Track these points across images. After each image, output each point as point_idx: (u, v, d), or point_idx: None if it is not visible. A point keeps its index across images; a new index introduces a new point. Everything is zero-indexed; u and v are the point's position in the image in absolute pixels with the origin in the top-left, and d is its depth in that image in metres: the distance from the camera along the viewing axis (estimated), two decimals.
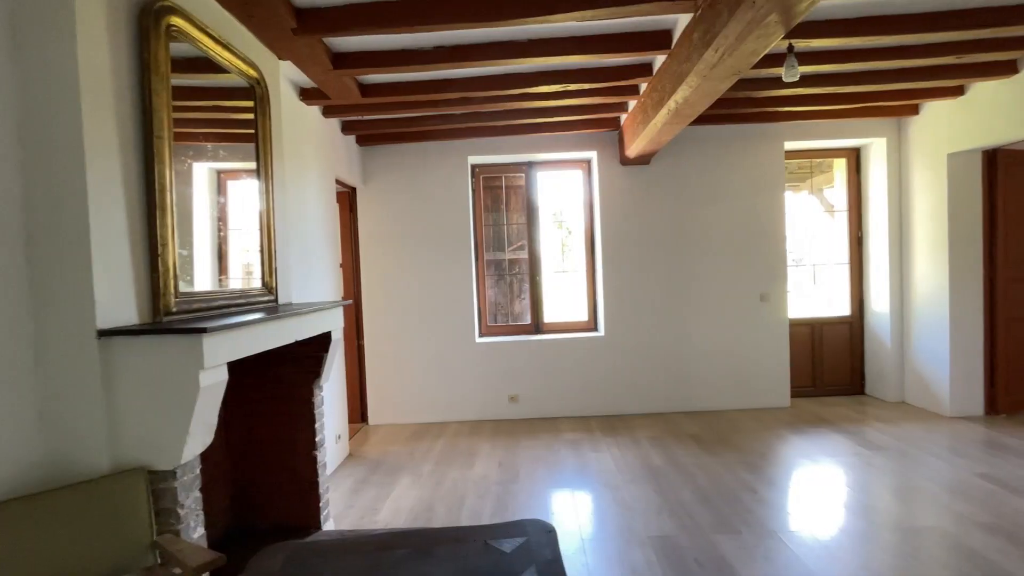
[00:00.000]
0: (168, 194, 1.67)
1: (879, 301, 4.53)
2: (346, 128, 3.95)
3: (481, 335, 4.66)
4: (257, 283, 2.28)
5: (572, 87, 3.17)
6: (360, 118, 3.83)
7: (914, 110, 4.13)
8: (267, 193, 2.31)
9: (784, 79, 2.38)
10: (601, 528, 2.59)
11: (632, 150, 3.92)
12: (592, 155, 4.49)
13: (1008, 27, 2.61)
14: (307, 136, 3.29)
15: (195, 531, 1.56)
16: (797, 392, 4.64)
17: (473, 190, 4.66)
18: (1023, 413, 3.98)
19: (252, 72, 2.21)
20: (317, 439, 2.47)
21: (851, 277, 4.74)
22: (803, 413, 4.28)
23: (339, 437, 3.60)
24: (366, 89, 3.19)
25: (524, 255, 4.79)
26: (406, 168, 4.43)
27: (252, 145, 2.28)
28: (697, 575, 2.16)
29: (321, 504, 2.48)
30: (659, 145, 3.75)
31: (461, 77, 3.16)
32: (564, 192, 4.94)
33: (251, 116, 2.28)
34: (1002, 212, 3.86)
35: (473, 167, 4.66)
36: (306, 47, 2.45)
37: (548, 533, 1.29)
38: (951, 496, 2.75)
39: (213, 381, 1.51)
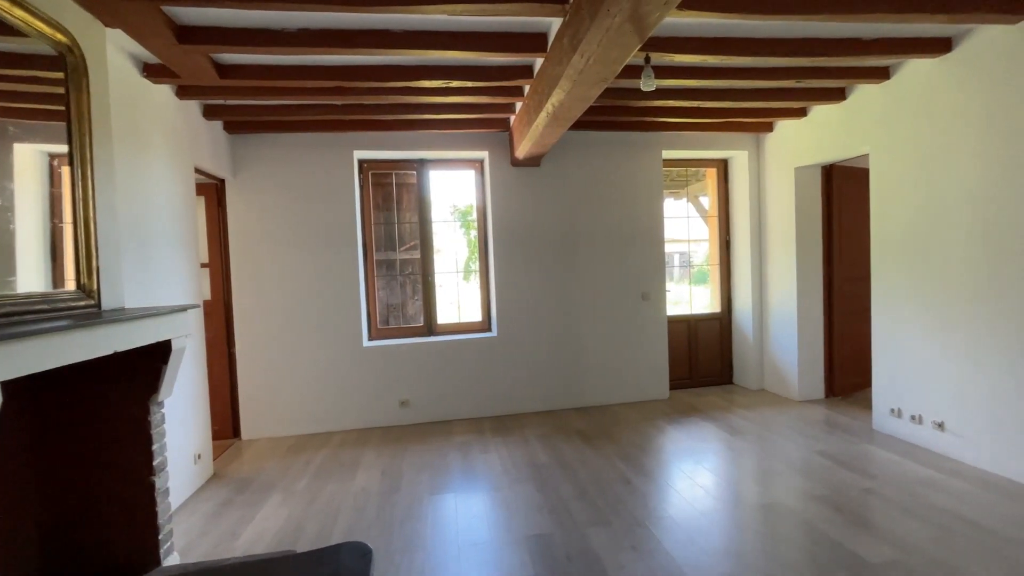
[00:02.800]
0: None
1: (743, 299, 4.99)
2: (209, 112, 3.56)
3: (371, 338, 4.45)
4: (71, 285, 1.95)
5: (455, 84, 3.11)
6: (224, 102, 3.47)
7: (769, 127, 4.61)
8: (84, 180, 1.98)
9: (642, 88, 2.51)
10: (480, 532, 2.55)
11: (520, 151, 3.96)
12: (484, 155, 4.47)
13: (835, 57, 2.98)
14: (153, 118, 2.90)
15: None
16: (675, 384, 4.98)
17: (361, 186, 4.44)
18: (855, 395, 4.59)
19: (60, 37, 1.88)
20: (155, 463, 2.16)
21: (721, 277, 5.18)
22: (679, 404, 4.59)
23: (199, 456, 3.22)
24: (225, 70, 2.89)
25: (418, 255, 4.65)
26: (284, 160, 4.11)
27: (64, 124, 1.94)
28: (567, 570, 2.19)
29: (161, 536, 2.18)
30: (545, 148, 3.82)
31: (335, 64, 2.97)
32: (466, 192, 4.86)
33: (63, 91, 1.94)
34: (837, 220, 4.43)
35: (361, 162, 4.44)
36: (138, 15, 2.14)
37: (363, 557, 1.21)
38: (794, 473, 3.07)
39: None
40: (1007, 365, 2.86)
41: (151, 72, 2.81)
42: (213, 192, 4.01)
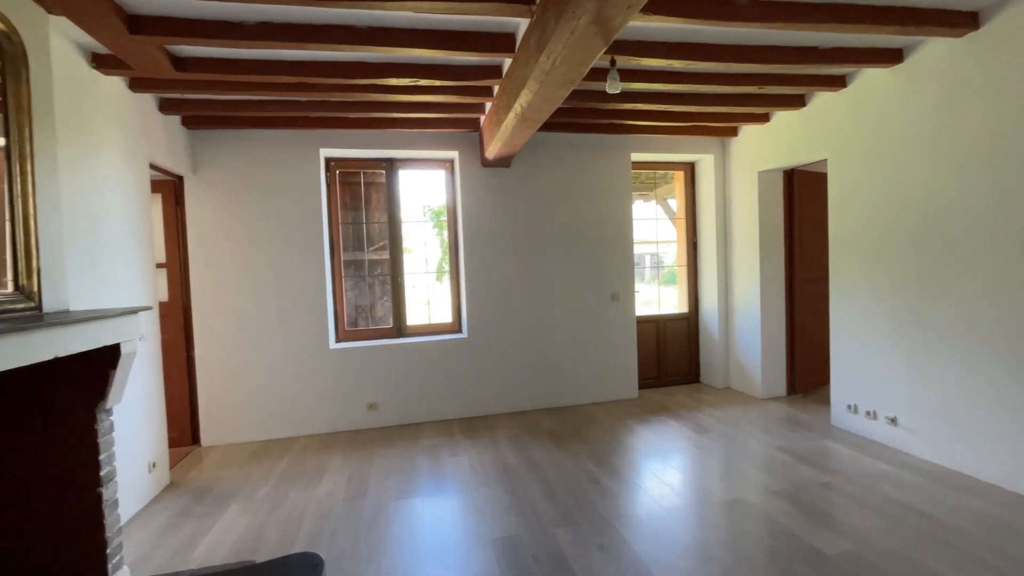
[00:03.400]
0: None
1: (709, 299, 5.10)
2: (165, 106, 3.42)
3: (338, 340, 4.36)
4: (10, 287, 1.83)
5: (423, 82, 3.07)
6: (181, 96, 3.34)
7: (734, 132, 4.72)
8: (23, 175, 1.87)
9: (607, 90, 2.54)
10: (447, 536, 2.52)
11: (490, 152, 3.94)
12: (454, 155, 4.44)
13: (794, 65, 3.06)
14: (104, 111, 2.77)
15: None
16: (644, 383, 5.05)
17: (328, 185, 4.35)
18: (815, 392, 4.74)
19: None
20: (103, 473, 2.06)
21: (688, 277, 5.28)
22: (648, 403, 4.65)
23: (154, 465, 3.09)
24: (182, 62, 2.78)
25: (387, 255, 4.58)
26: (247, 157, 3.98)
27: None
28: (534, 572, 2.18)
29: (109, 551, 2.07)
30: (514, 148, 3.81)
31: (299, 60, 2.89)
32: (437, 192, 4.79)
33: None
34: (798, 223, 4.57)
35: (328, 160, 4.35)
36: (83, 1, 2.03)
37: (313, 569, 1.17)
38: (756, 469, 3.15)
39: None
40: (954, 363, 2.99)
41: (101, 63, 2.68)
42: (171, 189, 3.86)
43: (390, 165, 4.48)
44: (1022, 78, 2.59)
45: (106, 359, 2.02)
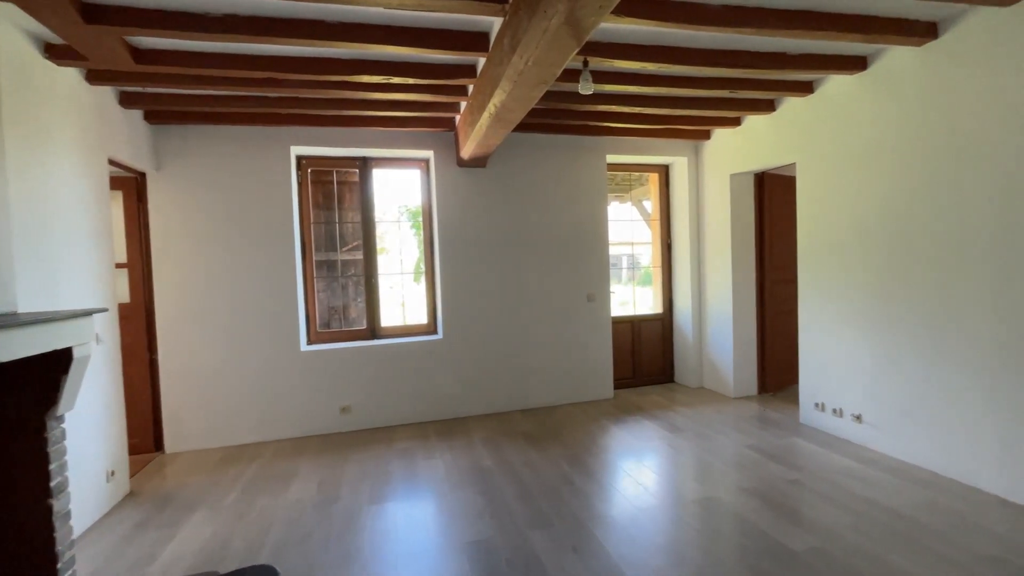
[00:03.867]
0: None
1: (683, 300, 5.17)
2: (126, 100, 3.29)
3: (310, 342, 4.26)
4: None
5: (396, 80, 3.03)
6: (143, 89, 3.22)
7: (706, 135, 4.80)
8: None
9: (580, 91, 2.54)
10: (420, 541, 2.48)
11: (465, 152, 3.91)
12: (430, 154, 4.39)
13: (763, 70, 3.13)
14: (58, 104, 2.65)
15: None
16: (620, 383, 5.08)
17: (299, 184, 4.25)
18: (785, 391, 4.85)
19: None
20: (53, 484, 1.95)
21: (663, 278, 5.34)
22: (623, 403, 4.68)
23: (112, 473, 2.96)
24: (142, 54, 2.67)
25: (361, 256, 4.50)
26: (214, 154, 3.86)
27: None
28: (507, 575, 2.17)
29: (60, 565, 1.97)
30: (489, 148, 3.79)
31: (267, 54, 2.81)
32: (412, 191, 4.73)
33: None
34: (768, 225, 4.67)
35: (299, 159, 4.25)
36: None
37: None
38: (728, 468, 3.20)
39: None
40: (915, 361, 3.09)
41: (55, 53, 2.56)
42: (132, 186, 3.71)
43: (364, 164, 4.41)
44: (978, 87, 2.70)
45: (57, 364, 1.92)
